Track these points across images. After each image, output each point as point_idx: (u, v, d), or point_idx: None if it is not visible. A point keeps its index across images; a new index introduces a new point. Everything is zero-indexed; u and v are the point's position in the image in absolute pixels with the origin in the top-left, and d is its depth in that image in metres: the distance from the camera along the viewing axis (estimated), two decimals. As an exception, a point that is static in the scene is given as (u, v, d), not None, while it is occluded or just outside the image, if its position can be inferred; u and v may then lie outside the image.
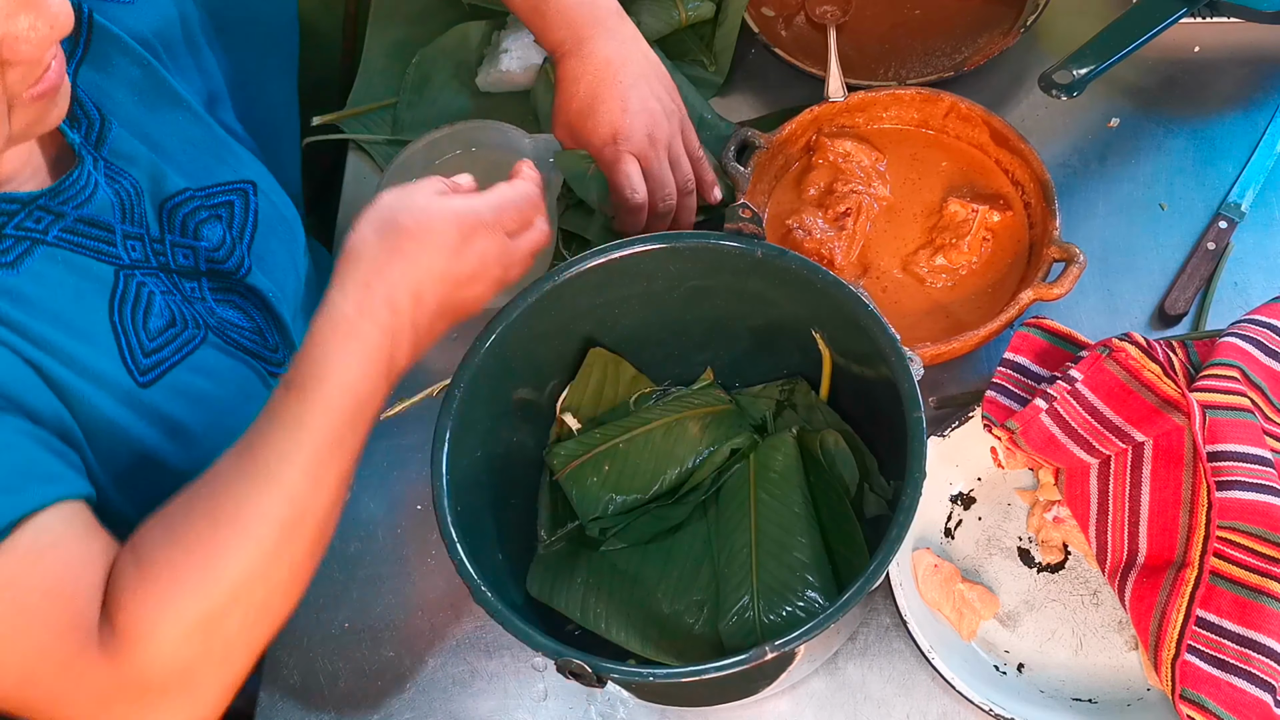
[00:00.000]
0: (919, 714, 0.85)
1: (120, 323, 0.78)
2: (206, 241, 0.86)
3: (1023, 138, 1.00)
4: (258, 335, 0.91)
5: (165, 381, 0.81)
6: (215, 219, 0.87)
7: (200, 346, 0.84)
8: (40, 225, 0.75)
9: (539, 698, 0.89)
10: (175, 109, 0.87)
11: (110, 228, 0.79)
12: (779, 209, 1.06)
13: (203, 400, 0.83)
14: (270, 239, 0.93)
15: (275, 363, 0.92)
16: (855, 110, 1.07)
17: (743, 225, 0.80)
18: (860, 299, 0.77)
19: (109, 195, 0.79)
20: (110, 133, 0.81)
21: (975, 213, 0.99)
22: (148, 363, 0.80)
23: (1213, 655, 0.79)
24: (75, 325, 0.76)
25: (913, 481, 0.70)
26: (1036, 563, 0.89)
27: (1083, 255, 0.92)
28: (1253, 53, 1.13)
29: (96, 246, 0.78)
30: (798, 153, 1.08)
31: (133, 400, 0.78)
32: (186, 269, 0.85)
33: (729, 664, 0.67)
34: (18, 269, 0.73)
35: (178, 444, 0.81)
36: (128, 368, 0.78)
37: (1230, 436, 0.81)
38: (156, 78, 0.86)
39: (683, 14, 1.15)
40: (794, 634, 0.67)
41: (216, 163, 0.90)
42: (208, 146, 0.90)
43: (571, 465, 0.87)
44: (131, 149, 0.82)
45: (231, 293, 0.89)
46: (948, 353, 0.92)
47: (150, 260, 0.82)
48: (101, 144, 0.81)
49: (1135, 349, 0.84)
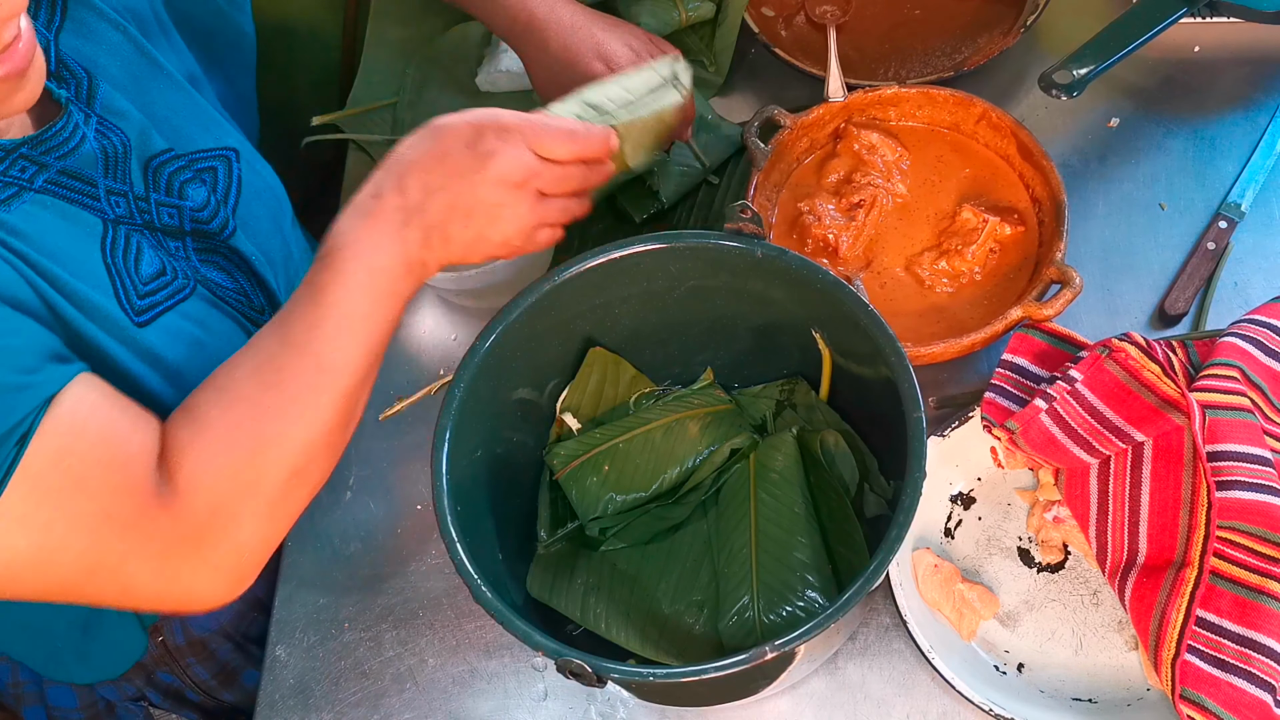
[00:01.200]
0: (919, 714, 0.85)
1: (114, 264, 0.80)
2: (191, 201, 0.87)
3: (1046, 154, 1.00)
4: (242, 296, 0.92)
5: (160, 323, 0.82)
6: (199, 181, 0.88)
7: (190, 297, 0.86)
8: (25, 175, 0.76)
9: (539, 698, 0.89)
10: (157, 75, 0.88)
11: (93, 181, 0.80)
12: (795, 191, 1.06)
13: (195, 345, 0.85)
14: (254, 204, 0.94)
15: (261, 323, 0.92)
16: (888, 103, 1.06)
17: (743, 225, 0.80)
18: (860, 299, 0.77)
19: (95, 149, 0.80)
20: (100, 89, 0.82)
21: (986, 223, 0.99)
22: (142, 304, 0.81)
23: (1213, 655, 0.79)
24: (72, 262, 0.77)
25: (913, 481, 0.70)
26: (1036, 563, 0.89)
27: (1079, 280, 0.91)
28: (1253, 53, 1.13)
29: (81, 200, 0.79)
30: (824, 138, 1.07)
31: (130, 339, 0.80)
32: (171, 228, 0.86)
33: (729, 664, 0.67)
34: (10, 207, 0.74)
35: (172, 386, 0.82)
36: (123, 307, 0.80)
37: (1230, 436, 0.81)
38: (137, 43, 0.87)
39: (683, 14, 1.15)
40: (794, 634, 0.67)
41: (200, 130, 0.91)
42: (191, 114, 0.91)
43: (571, 465, 0.87)
44: (122, 106, 0.83)
45: (215, 254, 0.90)
46: (928, 356, 0.92)
47: (135, 217, 0.83)
48: (93, 100, 0.82)
49: (1135, 349, 0.84)
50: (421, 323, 1.08)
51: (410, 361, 1.05)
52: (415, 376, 1.04)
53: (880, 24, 1.19)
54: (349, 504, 0.99)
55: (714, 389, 0.92)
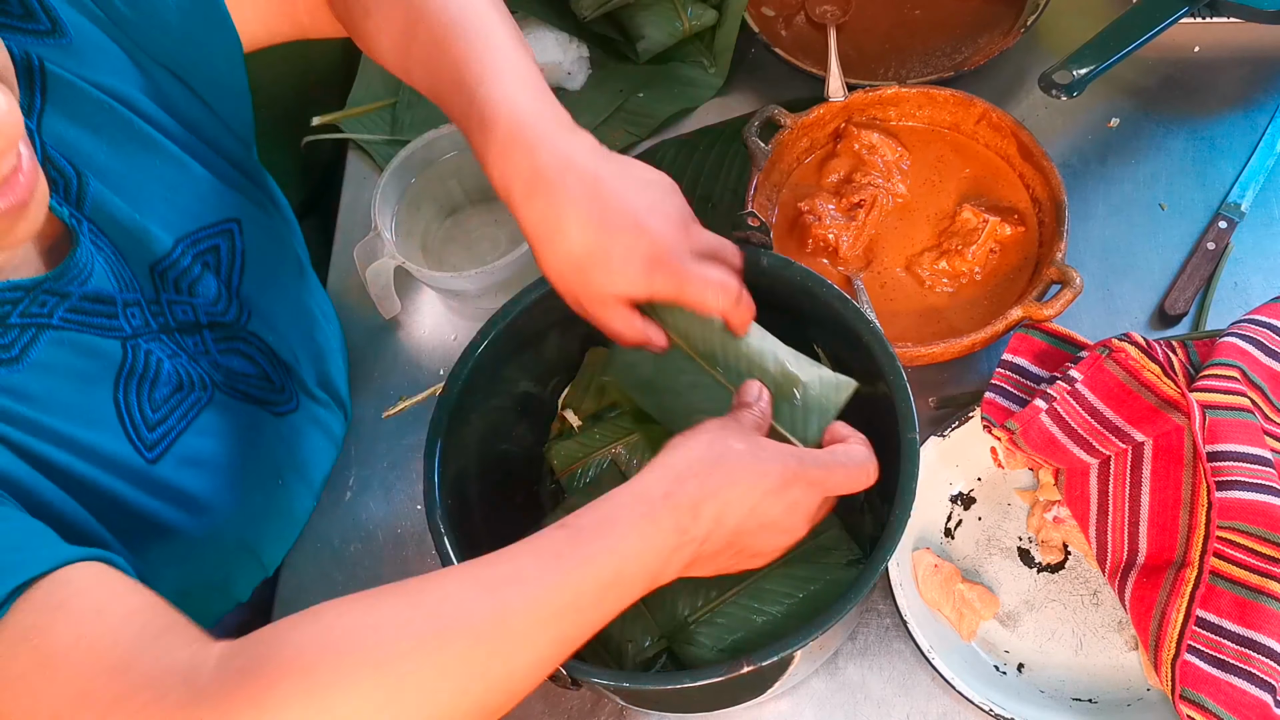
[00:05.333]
0: (919, 714, 0.85)
1: (124, 401, 0.76)
2: (202, 297, 0.83)
3: (1046, 154, 1.00)
4: (265, 381, 0.90)
5: (173, 453, 0.79)
6: (206, 269, 0.83)
7: (207, 407, 0.82)
8: (45, 309, 0.70)
9: (539, 698, 0.89)
10: (147, 152, 0.80)
11: (112, 299, 0.75)
12: (795, 191, 1.06)
13: (210, 465, 0.82)
14: (260, 273, 0.89)
15: (283, 403, 0.92)
16: (888, 103, 1.06)
17: (750, 234, 0.80)
18: (864, 314, 0.77)
19: (101, 264, 0.74)
20: (89, 189, 0.75)
21: (986, 223, 0.99)
22: (153, 436, 0.78)
23: (1213, 655, 0.79)
24: (81, 412, 0.73)
25: (903, 503, 0.70)
26: (1036, 563, 0.89)
27: (1080, 280, 0.91)
28: (1253, 53, 1.13)
29: (100, 322, 0.74)
30: (824, 138, 1.07)
31: (142, 479, 0.77)
32: (187, 324, 0.82)
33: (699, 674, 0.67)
34: (22, 363, 0.69)
35: (187, 512, 0.81)
36: (134, 446, 0.76)
37: (1230, 436, 0.81)
38: (123, 120, 0.78)
39: (685, 24, 1.15)
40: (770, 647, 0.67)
41: (198, 204, 0.84)
42: (187, 188, 0.84)
43: (572, 468, 0.87)
44: (112, 207, 0.76)
45: (235, 339, 0.87)
46: (928, 356, 0.92)
47: (150, 324, 0.79)
48: (82, 203, 0.75)
49: (1135, 349, 0.84)
50: (421, 323, 1.08)
51: (410, 361, 1.05)
52: (415, 376, 1.04)
53: (880, 24, 1.19)
54: (349, 504, 0.99)
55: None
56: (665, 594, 0.77)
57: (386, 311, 1.05)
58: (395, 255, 0.97)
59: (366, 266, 0.98)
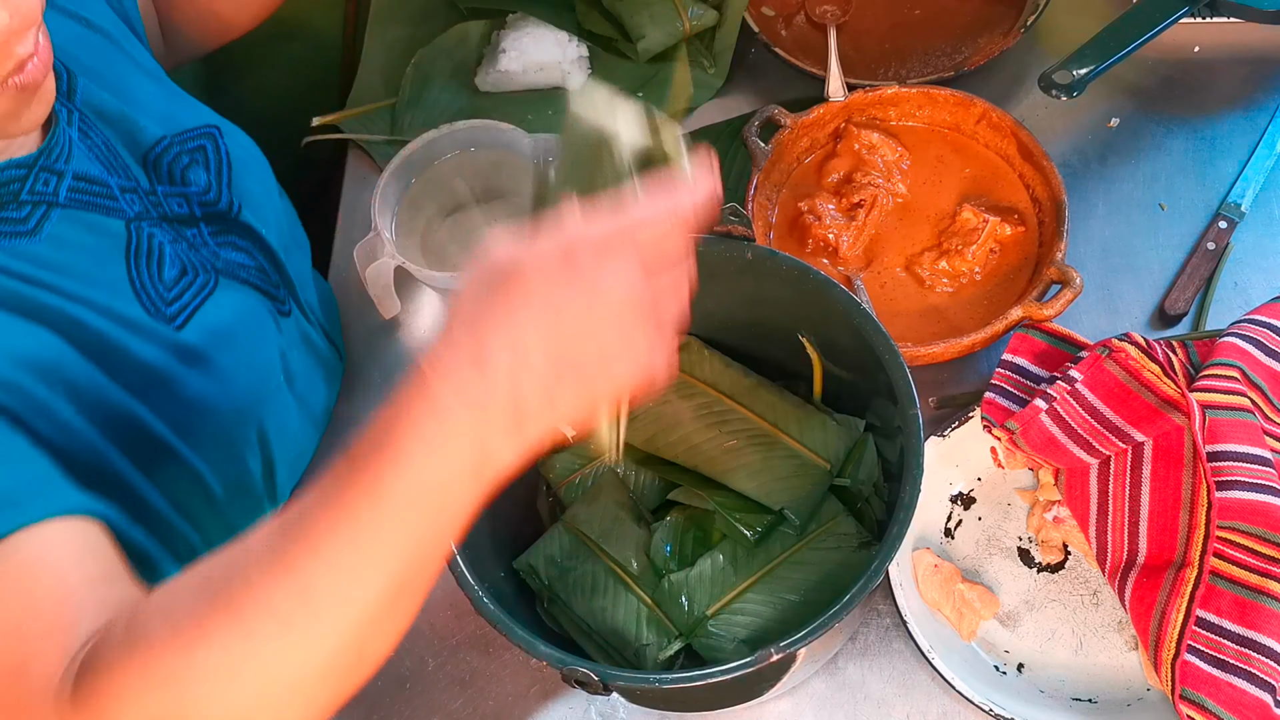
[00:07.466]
0: (919, 714, 0.85)
1: (138, 278, 0.78)
2: (195, 186, 0.86)
3: (1046, 154, 1.00)
4: (261, 274, 0.91)
5: (196, 321, 0.81)
6: (195, 163, 0.88)
7: (216, 289, 0.84)
8: (49, 187, 0.74)
9: (539, 698, 0.89)
10: (128, 65, 0.87)
11: (104, 181, 0.79)
12: (795, 191, 1.06)
13: (230, 336, 0.84)
14: (246, 178, 0.93)
15: (279, 300, 0.92)
16: (888, 103, 1.06)
17: (732, 227, 0.80)
18: (852, 298, 0.77)
19: (83, 150, 0.78)
20: (78, 84, 0.80)
21: (986, 223, 0.99)
22: (171, 310, 0.80)
23: (1213, 655, 0.79)
24: (104, 283, 0.76)
25: (912, 480, 0.70)
26: (1036, 563, 0.89)
27: (1080, 280, 0.91)
28: (1253, 53, 1.13)
29: (101, 202, 0.78)
30: (824, 138, 1.07)
31: (171, 344, 0.78)
32: (183, 216, 0.85)
33: (732, 668, 0.67)
34: (39, 235, 0.73)
35: (215, 382, 0.81)
36: (155, 316, 0.79)
37: (1230, 436, 0.81)
38: (105, 34, 0.86)
39: (686, 24, 1.15)
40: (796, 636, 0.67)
41: (181, 110, 0.90)
42: (168, 98, 0.90)
43: (568, 480, 0.87)
44: (99, 100, 0.81)
45: (230, 233, 0.89)
46: (928, 356, 0.92)
47: (150, 212, 0.82)
48: (73, 95, 0.79)
49: (1135, 349, 0.84)
50: (421, 323, 1.08)
51: (410, 361, 1.05)
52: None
53: (880, 24, 1.19)
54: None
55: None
56: (679, 592, 0.78)
57: (386, 311, 1.05)
58: (395, 255, 0.97)
59: (366, 266, 0.98)
